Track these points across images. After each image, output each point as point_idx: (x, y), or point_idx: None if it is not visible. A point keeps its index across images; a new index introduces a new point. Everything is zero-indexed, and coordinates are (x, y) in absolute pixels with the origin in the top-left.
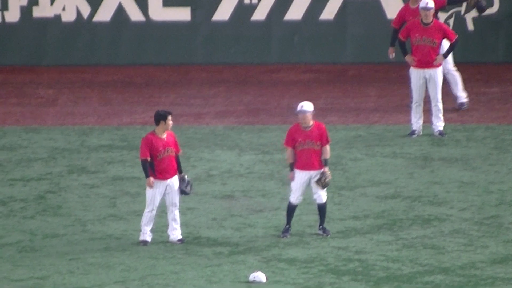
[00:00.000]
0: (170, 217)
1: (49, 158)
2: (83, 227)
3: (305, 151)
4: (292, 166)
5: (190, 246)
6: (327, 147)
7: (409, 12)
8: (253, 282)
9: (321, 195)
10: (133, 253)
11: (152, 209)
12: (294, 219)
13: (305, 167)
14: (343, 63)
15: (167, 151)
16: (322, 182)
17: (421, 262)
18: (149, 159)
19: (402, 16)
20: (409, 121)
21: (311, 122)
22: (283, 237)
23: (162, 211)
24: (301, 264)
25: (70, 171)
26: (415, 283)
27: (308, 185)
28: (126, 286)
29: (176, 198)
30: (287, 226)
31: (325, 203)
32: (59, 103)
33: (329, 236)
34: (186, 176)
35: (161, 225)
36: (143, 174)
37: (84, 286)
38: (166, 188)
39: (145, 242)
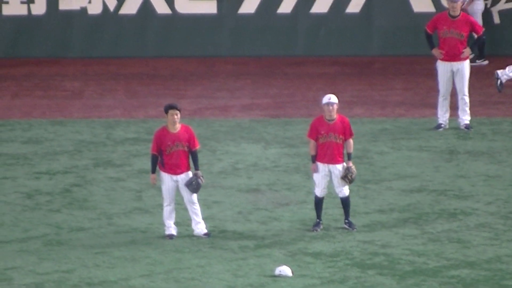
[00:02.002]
0: (191, 212)
1: (75, 151)
2: (109, 220)
3: (327, 144)
4: (314, 158)
5: (215, 239)
6: (351, 140)
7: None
8: (279, 276)
9: (343, 189)
10: (159, 247)
11: (169, 203)
12: None
13: (326, 160)
14: (369, 55)
15: (176, 145)
16: (348, 178)
17: (446, 256)
18: (156, 154)
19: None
20: (435, 115)
21: (335, 115)
22: (313, 230)
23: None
24: (326, 258)
25: (96, 164)
26: (441, 277)
27: (331, 178)
28: (151, 279)
29: (190, 194)
30: (318, 220)
31: (348, 197)
32: (85, 96)
33: (355, 230)
34: (198, 173)
35: (186, 219)
36: None
37: (110, 279)
38: (178, 183)
39: (170, 236)
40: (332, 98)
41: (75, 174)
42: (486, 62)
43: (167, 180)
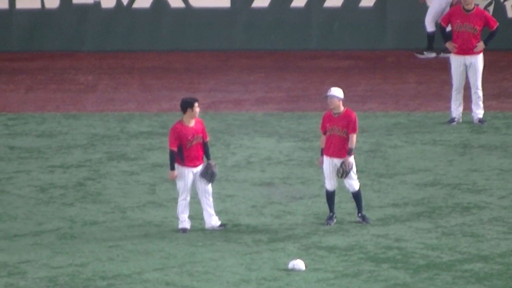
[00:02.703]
0: (205, 204)
1: (88, 144)
2: (123, 214)
3: (331, 137)
4: (321, 151)
5: (229, 233)
6: (353, 136)
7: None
8: (293, 269)
9: (353, 183)
10: (173, 240)
11: (186, 197)
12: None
13: (330, 153)
14: (382, 49)
15: (196, 139)
16: (339, 171)
17: (460, 250)
18: (176, 150)
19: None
20: (448, 108)
21: (341, 109)
22: (327, 224)
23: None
24: (340, 251)
25: (110, 157)
26: (454, 271)
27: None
28: (165, 273)
29: (207, 185)
30: (331, 214)
31: (358, 191)
32: (99, 89)
33: (369, 223)
34: (211, 162)
35: (199, 212)
36: None
37: (124, 273)
38: (195, 176)
39: (184, 230)
40: (332, 91)
41: (88, 168)
42: (433, 55)
43: (187, 174)
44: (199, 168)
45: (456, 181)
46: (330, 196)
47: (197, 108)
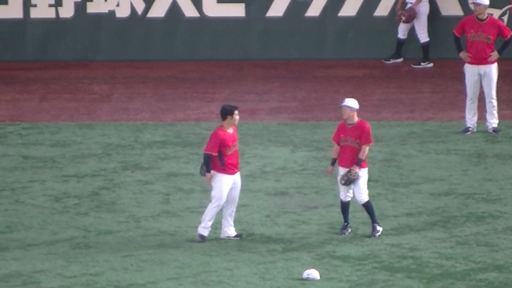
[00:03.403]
0: (227, 212)
1: (103, 154)
2: (137, 223)
3: (344, 147)
4: (332, 161)
5: (243, 242)
6: (365, 148)
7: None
8: (307, 279)
9: (361, 195)
10: (187, 250)
11: (219, 204)
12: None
13: (343, 163)
14: None
15: (235, 145)
16: (341, 177)
17: (474, 259)
18: (214, 154)
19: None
20: (463, 118)
21: (355, 120)
22: (341, 234)
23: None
24: (354, 261)
25: (124, 167)
26: (469, 280)
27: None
28: (179, 282)
29: (238, 193)
30: (345, 224)
31: (367, 202)
32: (113, 99)
33: (374, 237)
34: None
35: (214, 222)
36: (197, 171)
37: (138, 282)
38: (234, 183)
39: (203, 238)
40: (346, 101)
41: (103, 177)
42: (431, 65)
43: (227, 181)
44: (237, 175)
45: (471, 191)
46: (344, 206)
47: (236, 116)
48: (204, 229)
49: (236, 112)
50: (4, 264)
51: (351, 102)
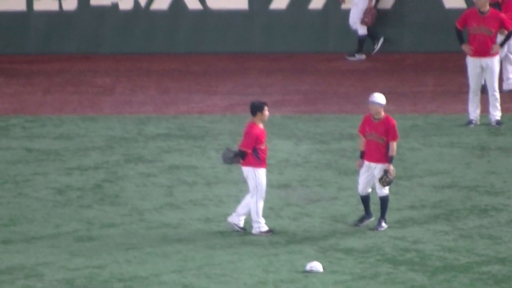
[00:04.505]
0: (245, 201)
1: (106, 147)
2: (140, 216)
3: (369, 142)
4: (361, 154)
5: (247, 235)
6: (393, 144)
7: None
8: (310, 271)
9: (383, 189)
10: (190, 243)
11: (262, 197)
12: (351, 209)
13: (368, 157)
14: (400, 51)
15: (266, 141)
16: (383, 180)
17: (477, 252)
18: (250, 151)
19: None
20: (466, 111)
21: (382, 115)
22: (355, 225)
23: (220, 200)
24: (358, 253)
25: (127, 160)
26: (472, 273)
27: (373, 177)
28: (183, 275)
29: (264, 187)
30: (366, 215)
31: (385, 196)
32: (116, 92)
33: (377, 230)
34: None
35: (218, 214)
36: (200, 163)
37: (141, 275)
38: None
39: (269, 231)
40: (374, 97)
41: (106, 170)
42: (363, 57)
43: (264, 174)
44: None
45: (474, 184)
46: (363, 200)
47: (266, 112)
48: (261, 227)
49: (266, 108)
50: (7, 257)
51: (380, 98)
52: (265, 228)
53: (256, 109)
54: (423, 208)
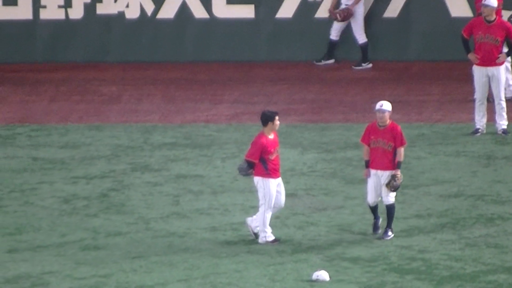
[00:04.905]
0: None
1: (112, 155)
2: (146, 225)
3: (376, 149)
4: (366, 163)
5: (253, 244)
6: (401, 149)
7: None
8: (316, 280)
9: (389, 197)
10: (196, 252)
11: (270, 208)
12: (357, 218)
13: (374, 165)
14: (406, 60)
15: (276, 151)
16: (390, 185)
17: (484, 261)
18: (256, 162)
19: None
20: (472, 120)
21: (387, 122)
22: (375, 232)
23: (225, 209)
24: (364, 263)
25: (133, 168)
26: (478, 282)
27: (381, 185)
28: (189, 284)
29: (283, 198)
30: (375, 220)
31: (392, 205)
32: (122, 100)
33: (385, 239)
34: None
35: (223, 223)
36: (206, 172)
37: (147, 284)
38: (278, 187)
39: (275, 240)
40: (383, 105)
41: (112, 179)
42: (370, 65)
43: (273, 185)
44: (280, 179)
45: (480, 192)
46: (373, 210)
47: (277, 121)
48: (268, 236)
49: (277, 117)
50: (13, 266)
51: (389, 106)
52: (271, 237)
53: (267, 119)
54: (429, 217)
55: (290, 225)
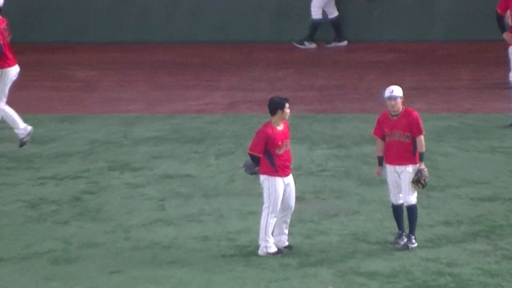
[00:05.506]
0: (281, 219)
1: (87, 152)
2: (126, 234)
3: (391, 143)
4: (379, 160)
5: (252, 257)
6: (420, 138)
7: None
8: None
9: (410, 196)
10: (185, 265)
11: (275, 212)
12: (374, 225)
13: (392, 161)
14: (431, 41)
15: (286, 144)
16: (421, 183)
17: None
18: (260, 156)
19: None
20: (509, 109)
21: (400, 109)
22: (394, 244)
23: (219, 215)
24: (383, 278)
25: (112, 167)
26: None
27: (399, 183)
28: None
29: (293, 199)
30: (400, 232)
31: (414, 206)
32: (101, 88)
33: (409, 248)
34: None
35: (217, 232)
36: (197, 172)
37: None
38: (287, 186)
39: (278, 252)
40: (394, 91)
41: (87, 180)
42: (345, 43)
43: (280, 184)
44: (290, 177)
45: None
46: (396, 211)
47: (287, 110)
48: (269, 246)
49: (287, 105)
50: None
51: (399, 91)
52: (273, 248)
53: (276, 106)
54: (459, 224)
55: (295, 233)
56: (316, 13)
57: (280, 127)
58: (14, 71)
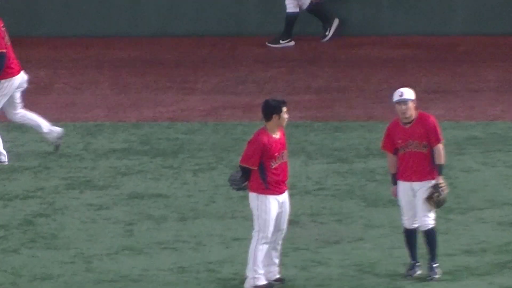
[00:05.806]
0: (270, 246)
1: (40, 167)
2: (87, 264)
3: (407, 155)
4: (393, 178)
5: None
6: (439, 147)
7: None
8: None
9: (427, 219)
10: None
11: (266, 238)
12: (382, 254)
13: (406, 177)
14: (450, 34)
15: (283, 156)
16: (434, 199)
17: None
18: (255, 168)
19: None
20: None
21: (414, 115)
22: (407, 276)
23: (198, 242)
24: None
25: (70, 186)
26: None
27: (417, 202)
28: None
29: (286, 220)
30: (413, 262)
31: (432, 230)
32: (55, 90)
33: (433, 279)
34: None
35: (195, 262)
36: (171, 191)
37: None
38: (282, 206)
39: (269, 285)
40: (405, 93)
41: (40, 200)
42: (292, 43)
43: (274, 205)
44: (285, 195)
45: None
46: (409, 236)
47: (285, 115)
48: (257, 278)
49: (285, 108)
50: None
51: (410, 93)
52: (262, 281)
53: (272, 110)
54: (483, 253)
55: (289, 264)
56: (290, 6)
57: (277, 136)
58: (17, 80)
